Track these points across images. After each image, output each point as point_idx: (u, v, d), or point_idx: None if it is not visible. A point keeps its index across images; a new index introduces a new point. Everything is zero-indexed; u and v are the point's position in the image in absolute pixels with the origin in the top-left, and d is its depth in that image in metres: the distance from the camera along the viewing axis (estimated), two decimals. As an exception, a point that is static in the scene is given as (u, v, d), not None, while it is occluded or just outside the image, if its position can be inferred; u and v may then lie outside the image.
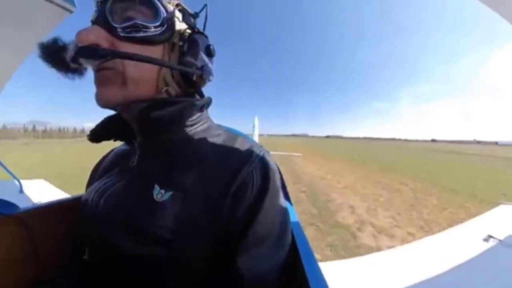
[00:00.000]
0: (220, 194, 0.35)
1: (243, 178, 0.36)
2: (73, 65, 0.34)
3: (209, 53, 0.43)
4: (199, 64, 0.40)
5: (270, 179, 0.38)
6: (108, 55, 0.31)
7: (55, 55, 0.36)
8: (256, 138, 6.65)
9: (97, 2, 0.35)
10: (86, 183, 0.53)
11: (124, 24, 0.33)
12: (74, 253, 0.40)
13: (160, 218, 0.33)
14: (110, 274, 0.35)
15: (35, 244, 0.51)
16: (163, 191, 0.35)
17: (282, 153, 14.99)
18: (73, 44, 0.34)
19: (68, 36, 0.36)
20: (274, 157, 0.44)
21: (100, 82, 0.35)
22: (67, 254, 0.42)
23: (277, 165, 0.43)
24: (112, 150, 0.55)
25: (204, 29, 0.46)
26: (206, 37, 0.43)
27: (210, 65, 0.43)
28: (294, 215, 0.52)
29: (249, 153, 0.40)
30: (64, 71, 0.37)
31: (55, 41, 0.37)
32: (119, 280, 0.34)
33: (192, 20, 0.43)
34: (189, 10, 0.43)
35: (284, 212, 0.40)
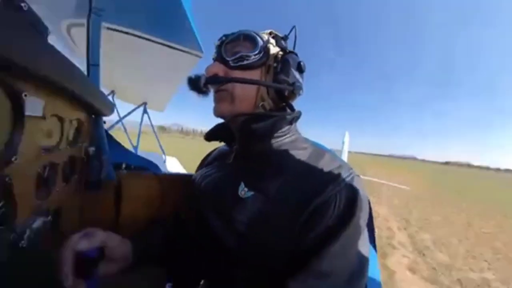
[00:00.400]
0: (299, 206, 0.36)
1: (326, 197, 0.34)
2: (204, 89, 0.49)
3: (300, 69, 0.47)
4: (291, 80, 0.44)
5: (356, 208, 0.33)
6: (223, 81, 0.44)
7: (195, 83, 0.51)
8: (345, 157, 5.75)
9: (216, 46, 0.49)
10: (197, 167, 0.72)
11: (233, 57, 0.45)
12: (176, 212, 0.57)
13: (239, 212, 0.39)
14: (194, 236, 0.47)
15: (162, 195, 0.81)
16: (246, 189, 0.41)
17: (370, 178, 11.97)
18: (203, 76, 0.49)
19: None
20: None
21: (217, 100, 0.49)
22: (175, 209, 0.60)
23: (367, 196, 0.37)
24: (217, 148, 0.73)
25: (294, 47, 0.51)
26: (296, 55, 0.48)
27: (300, 80, 0.47)
28: (376, 263, 0.41)
29: (336, 174, 0.38)
30: (199, 93, 0.53)
31: (194, 75, 0.53)
32: (199, 245, 0.45)
33: (283, 42, 0.49)
34: (280, 35, 0.50)
35: (362, 254, 0.32)
